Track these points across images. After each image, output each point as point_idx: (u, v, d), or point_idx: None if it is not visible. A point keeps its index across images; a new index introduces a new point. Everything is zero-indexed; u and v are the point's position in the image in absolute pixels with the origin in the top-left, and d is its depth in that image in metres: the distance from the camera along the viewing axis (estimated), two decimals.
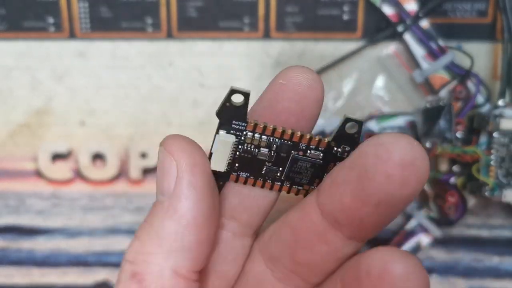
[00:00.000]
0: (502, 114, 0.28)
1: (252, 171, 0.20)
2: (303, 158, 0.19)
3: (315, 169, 0.20)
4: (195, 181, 0.18)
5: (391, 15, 0.31)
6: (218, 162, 0.19)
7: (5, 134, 0.33)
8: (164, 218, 0.18)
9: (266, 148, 0.19)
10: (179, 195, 0.18)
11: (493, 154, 0.28)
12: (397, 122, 0.31)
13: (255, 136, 0.19)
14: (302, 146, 0.19)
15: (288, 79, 0.19)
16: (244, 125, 0.19)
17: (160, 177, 0.18)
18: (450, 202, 0.30)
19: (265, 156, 0.19)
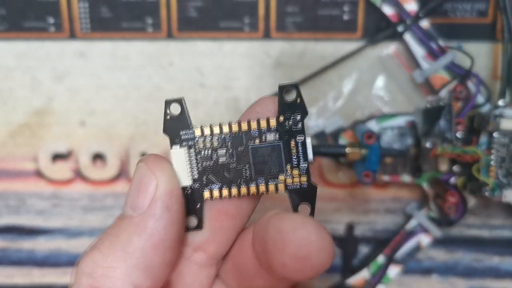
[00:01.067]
0: (502, 114, 0.28)
1: (222, 179, 0.19)
2: (261, 146, 0.19)
3: (278, 152, 0.19)
4: (170, 204, 0.18)
5: (391, 15, 0.31)
6: (182, 177, 0.19)
7: (6, 134, 0.33)
8: (132, 233, 0.18)
9: (222, 148, 0.19)
10: (153, 214, 0.18)
11: (493, 154, 0.28)
12: (397, 122, 0.31)
13: (206, 138, 0.19)
14: (254, 134, 0.19)
15: (264, 107, 0.19)
16: (191, 132, 0.19)
17: (135, 192, 0.18)
18: (450, 202, 0.30)
19: (225, 157, 0.19)
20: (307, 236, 0.16)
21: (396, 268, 0.32)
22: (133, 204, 0.18)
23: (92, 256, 0.18)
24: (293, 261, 0.17)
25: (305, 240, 0.16)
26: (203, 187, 0.19)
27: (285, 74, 0.32)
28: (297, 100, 0.19)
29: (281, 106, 0.19)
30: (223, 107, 0.33)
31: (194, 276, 0.20)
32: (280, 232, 0.17)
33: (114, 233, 0.18)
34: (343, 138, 0.31)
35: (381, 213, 0.33)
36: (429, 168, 0.30)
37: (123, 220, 0.18)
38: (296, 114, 0.19)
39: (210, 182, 0.19)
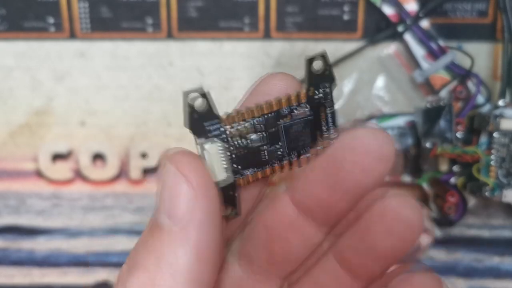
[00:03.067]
0: (502, 114, 0.28)
1: (256, 163, 0.19)
2: (293, 123, 0.18)
3: (311, 125, 0.19)
4: (209, 207, 0.17)
5: (391, 15, 0.31)
6: (218, 173, 0.18)
7: (6, 134, 0.33)
8: (176, 246, 0.16)
9: (254, 133, 0.18)
10: (194, 222, 0.16)
11: (493, 154, 0.28)
12: (397, 122, 0.31)
13: (235, 126, 0.18)
14: (285, 111, 0.18)
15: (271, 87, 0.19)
16: (218, 122, 0.18)
17: (169, 198, 0.17)
18: (450, 202, 0.30)
19: (259, 141, 0.18)
20: (385, 136, 0.18)
21: None
22: (170, 213, 0.17)
23: (138, 277, 0.16)
24: (375, 162, 0.17)
25: (384, 139, 0.18)
26: (237, 174, 0.19)
27: None
28: (326, 70, 0.18)
29: (310, 78, 0.18)
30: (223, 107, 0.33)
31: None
32: (357, 137, 0.17)
33: (157, 248, 0.16)
34: None
35: None
36: (429, 168, 0.30)
37: (162, 232, 0.17)
38: (325, 85, 0.18)
39: (244, 168, 0.19)
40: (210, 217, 0.17)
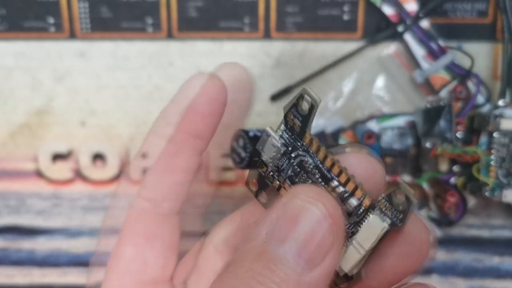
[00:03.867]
0: (502, 114, 0.28)
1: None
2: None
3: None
4: (340, 257, 0.16)
5: (391, 15, 0.31)
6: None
7: (6, 134, 0.33)
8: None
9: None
10: (327, 274, 0.15)
11: (493, 154, 0.28)
12: (397, 122, 0.31)
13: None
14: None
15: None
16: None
17: (308, 239, 0.15)
18: (450, 202, 0.30)
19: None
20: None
21: None
22: (305, 257, 0.15)
23: None
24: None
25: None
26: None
27: (285, 74, 0.32)
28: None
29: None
30: None
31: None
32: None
33: (275, 283, 0.15)
34: (343, 138, 0.31)
35: None
36: (429, 168, 0.30)
37: (289, 275, 0.15)
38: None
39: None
40: (334, 268, 0.16)
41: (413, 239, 0.17)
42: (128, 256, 0.22)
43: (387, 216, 0.16)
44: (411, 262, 0.17)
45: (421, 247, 0.17)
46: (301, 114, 0.17)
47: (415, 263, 0.17)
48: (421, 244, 0.17)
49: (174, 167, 0.21)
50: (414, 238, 0.17)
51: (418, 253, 0.17)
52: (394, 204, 0.16)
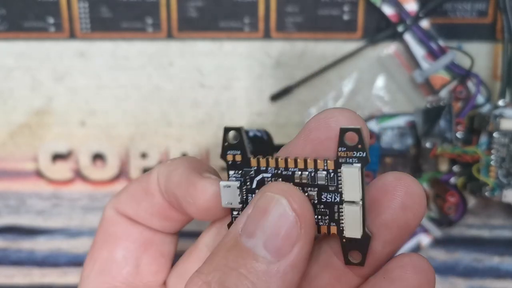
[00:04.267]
0: (502, 114, 0.28)
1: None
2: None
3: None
4: (309, 252, 0.17)
5: (391, 15, 0.31)
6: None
7: (6, 134, 0.33)
8: (270, 283, 0.16)
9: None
10: (294, 265, 0.16)
11: (493, 154, 0.28)
12: (397, 122, 0.31)
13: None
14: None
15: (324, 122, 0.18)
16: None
17: (275, 235, 0.16)
18: (450, 202, 0.30)
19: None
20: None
21: None
22: (272, 247, 0.16)
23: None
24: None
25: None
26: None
27: (285, 74, 0.32)
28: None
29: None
30: (223, 107, 0.33)
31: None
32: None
33: (250, 276, 0.16)
34: None
35: None
36: (429, 168, 0.30)
37: (257, 261, 0.16)
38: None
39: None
40: (304, 259, 0.17)
41: (406, 189, 0.18)
42: (119, 259, 0.22)
43: (352, 160, 0.17)
44: (410, 213, 0.18)
45: (416, 197, 0.18)
46: (235, 146, 0.19)
47: (414, 213, 0.18)
48: (414, 194, 0.18)
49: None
50: (406, 189, 0.18)
51: (414, 203, 0.18)
52: (349, 147, 0.17)
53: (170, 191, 0.20)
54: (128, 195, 0.22)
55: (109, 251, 0.22)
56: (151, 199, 0.21)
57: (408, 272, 0.18)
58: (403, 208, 0.18)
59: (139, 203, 0.21)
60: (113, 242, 0.22)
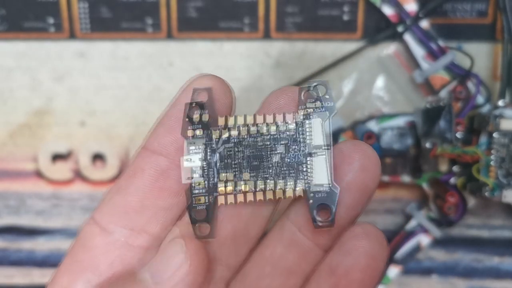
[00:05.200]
0: (502, 115, 0.28)
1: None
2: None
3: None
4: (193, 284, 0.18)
5: (391, 15, 0.31)
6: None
7: (6, 134, 0.33)
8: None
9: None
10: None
11: (493, 155, 0.28)
12: (397, 122, 0.31)
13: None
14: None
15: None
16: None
17: (163, 265, 0.18)
18: (450, 202, 0.30)
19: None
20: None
21: (396, 268, 0.32)
22: (161, 280, 0.18)
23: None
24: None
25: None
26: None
27: (285, 74, 0.32)
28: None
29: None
30: None
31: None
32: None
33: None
34: (343, 138, 0.31)
35: (381, 213, 0.33)
36: (429, 168, 0.30)
37: (141, 286, 0.18)
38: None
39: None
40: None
41: (363, 153, 0.19)
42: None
43: (320, 109, 0.19)
44: (369, 175, 0.19)
45: (372, 159, 0.19)
46: (204, 106, 0.19)
47: (372, 175, 0.19)
48: (371, 157, 0.19)
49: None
50: (363, 152, 0.19)
51: (371, 165, 0.19)
52: (317, 98, 0.19)
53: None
54: (112, 193, 0.21)
55: (69, 280, 0.20)
56: (140, 175, 0.20)
57: (362, 241, 0.18)
58: (362, 170, 0.19)
59: (126, 192, 0.20)
60: (76, 270, 0.20)
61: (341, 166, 0.19)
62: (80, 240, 0.20)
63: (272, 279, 0.20)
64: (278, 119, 0.19)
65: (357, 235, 0.18)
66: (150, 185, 0.19)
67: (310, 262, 0.19)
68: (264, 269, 0.20)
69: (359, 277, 0.18)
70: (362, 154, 0.19)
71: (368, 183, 0.19)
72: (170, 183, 0.19)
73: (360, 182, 0.19)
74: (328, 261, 0.19)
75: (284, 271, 0.20)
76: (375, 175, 0.19)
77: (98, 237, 0.20)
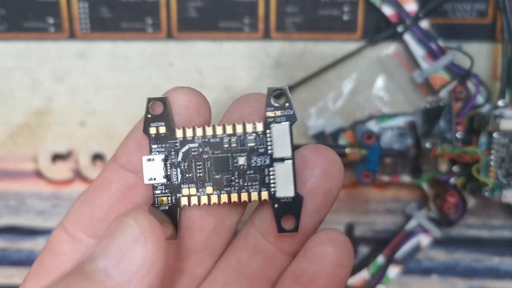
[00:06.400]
0: (502, 115, 0.28)
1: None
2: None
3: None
4: (153, 282, 0.16)
5: (391, 15, 0.31)
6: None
7: (6, 134, 0.33)
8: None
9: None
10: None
11: (493, 155, 0.28)
12: (397, 122, 0.31)
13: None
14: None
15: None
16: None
17: (118, 253, 0.16)
18: (450, 202, 0.30)
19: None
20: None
21: (396, 268, 0.32)
22: (111, 273, 0.15)
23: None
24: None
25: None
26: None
27: (285, 74, 0.32)
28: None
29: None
30: (223, 107, 0.33)
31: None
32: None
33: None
34: (343, 138, 0.31)
35: (381, 213, 0.33)
36: (429, 169, 0.30)
37: (92, 284, 0.15)
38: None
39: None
40: (150, 286, 0.16)
41: (325, 158, 0.19)
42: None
43: (280, 118, 0.18)
44: (332, 179, 0.19)
45: (335, 164, 0.19)
46: (158, 118, 0.19)
47: (335, 180, 0.19)
48: (333, 162, 0.19)
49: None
50: (325, 157, 0.19)
51: (334, 169, 0.19)
52: (277, 107, 0.18)
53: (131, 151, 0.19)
54: (79, 203, 0.20)
55: (35, 284, 0.20)
56: (107, 188, 0.19)
57: (327, 248, 0.18)
58: (325, 174, 0.18)
59: (93, 203, 0.19)
60: (42, 275, 0.20)
61: (303, 171, 0.19)
62: (49, 245, 0.20)
63: (238, 286, 0.19)
64: (238, 129, 0.18)
65: (322, 241, 0.18)
66: (117, 200, 0.19)
67: (275, 268, 0.19)
68: (230, 276, 0.20)
69: (325, 284, 0.18)
70: (324, 159, 0.19)
71: (331, 187, 0.19)
72: (137, 198, 0.19)
73: (323, 187, 0.19)
74: (293, 267, 0.19)
75: (249, 278, 0.19)
76: (338, 179, 0.19)
77: (65, 244, 0.19)
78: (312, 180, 0.18)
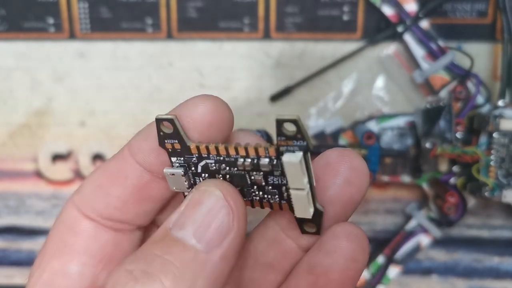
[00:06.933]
0: (502, 115, 0.28)
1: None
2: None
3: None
4: (240, 248, 0.17)
5: (391, 15, 0.31)
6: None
7: (5, 134, 0.33)
8: (198, 273, 0.16)
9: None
10: (224, 257, 0.16)
11: (493, 155, 0.28)
12: (397, 122, 0.31)
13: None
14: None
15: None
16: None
17: (206, 223, 0.16)
18: (450, 203, 0.30)
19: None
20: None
21: (396, 268, 0.32)
22: (202, 237, 0.16)
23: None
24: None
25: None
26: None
27: (285, 74, 0.32)
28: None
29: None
30: None
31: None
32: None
33: (177, 265, 0.16)
34: (343, 138, 0.31)
35: (381, 213, 0.33)
36: (429, 169, 0.30)
37: (185, 250, 0.16)
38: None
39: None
40: (236, 258, 0.17)
41: (349, 165, 0.18)
42: (73, 276, 0.19)
43: (293, 148, 0.17)
44: (354, 188, 0.18)
45: (359, 172, 0.18)
46: (171, 136, 0.18)
47: (358, 188, 0.18)
48: (358, 169, 0.18)
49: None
50: (350, 164, 0.18)
51: (357, 178, 0.18)
52: (289, 136, 0.17)
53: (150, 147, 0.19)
54: (93, 186, 0.19)
55: (61, 263, 0.19)
56: (123, 181, 0.19)
57: (342, 242, 0.18)
58: (347, 183, 0.18)
59: (108, 191, 0.19)
60: (68, 253, 0.19)
61: (325, 178, 0.18)
62: (65, 223, 0.20)
63: (253, 272, 0.20)
64: (251, 152, 0.17)
65: (337, 236, 0.18)
66: (131, 194, 0.19)
67: (290, 261, 0.19)
68: (247, 261, 0.20)
69: (338, 278, 0.18)
70: (349, 165, 0.18)
71: (353, 196, 0.18)
72: (152, 193, 0.19)
73: (344, 196, 0.18)
74: (307, 259, 0.19)
75: (265, 266, 0.20)
76: (361, 187, 0.18)
77: (84, 223, 0.19)
78: (333, 189, 0.18)
